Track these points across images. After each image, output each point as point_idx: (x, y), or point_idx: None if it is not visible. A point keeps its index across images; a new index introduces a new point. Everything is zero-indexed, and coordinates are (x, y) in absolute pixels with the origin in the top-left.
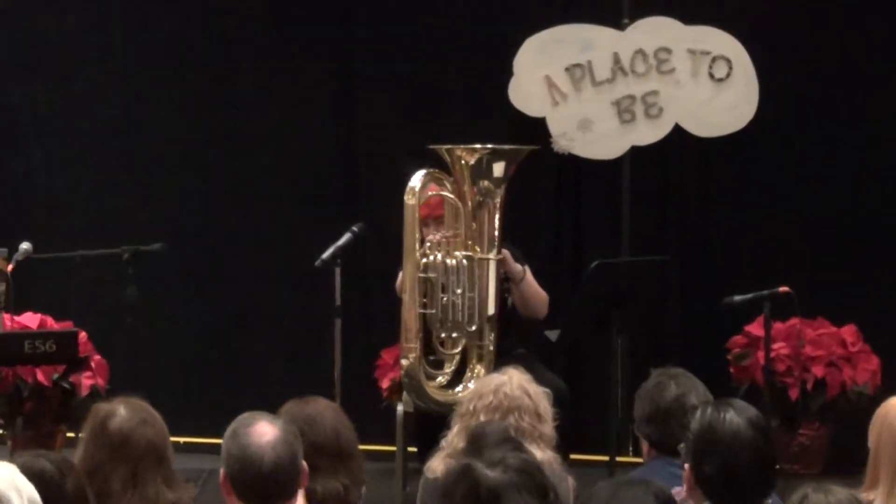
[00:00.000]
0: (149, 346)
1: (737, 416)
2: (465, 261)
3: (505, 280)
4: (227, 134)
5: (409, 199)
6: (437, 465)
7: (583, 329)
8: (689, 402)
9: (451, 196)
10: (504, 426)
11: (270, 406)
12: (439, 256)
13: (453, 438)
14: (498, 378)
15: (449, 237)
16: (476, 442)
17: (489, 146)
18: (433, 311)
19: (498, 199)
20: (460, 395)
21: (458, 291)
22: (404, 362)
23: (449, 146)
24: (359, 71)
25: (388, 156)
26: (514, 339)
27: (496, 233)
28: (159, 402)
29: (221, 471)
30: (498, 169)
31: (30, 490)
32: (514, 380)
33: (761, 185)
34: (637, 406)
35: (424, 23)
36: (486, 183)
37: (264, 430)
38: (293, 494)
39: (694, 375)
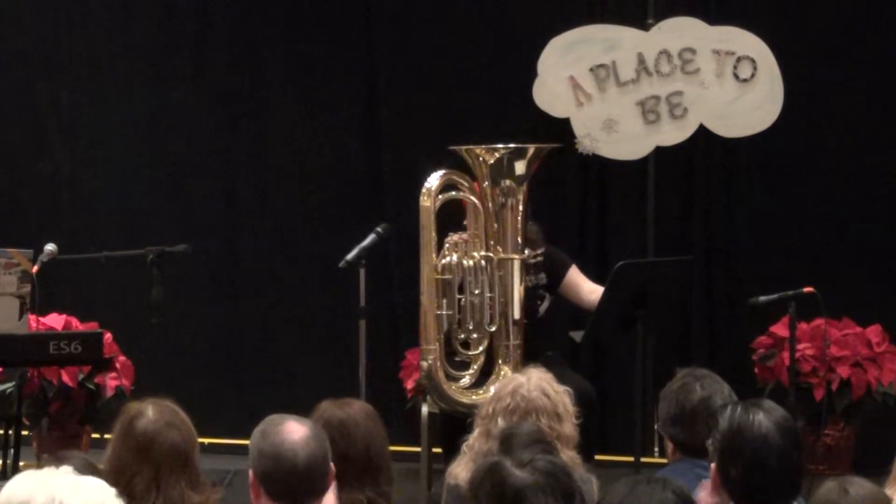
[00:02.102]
0: (173, 347)
1: (766, 419)
2: (483, 261)
3: (539, 287)
4: (252, 134)
5: (425, 201)
6: (458, 471)
7: (607, 329)
8: (715, 405)
9: (470, 197)
10: (536, 428)
11: (295, 407)
12: (455, 257)
13: (474, 442)
14: (516, 380)
15: (467, 238)
16: (507, 442)
17: (509, 145)
18: (451, 312)
19: (521, 199)
20: (483, 396)
21: (477, 292)
22: (423, 364)
23: (469, 146)
24: (383, 72)
25: (413, 157)
26: (544, 342)
27: (519, 232)
28: (184, 403)
29: (251, 472)
30: (519, 167)
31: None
32: (533, 381)
33: (786, 186)
34: (662, 406)
35: (449, 24)
36: (507, 182)
37: (294, 429)
38: (323, 493)
39: (719, 376)
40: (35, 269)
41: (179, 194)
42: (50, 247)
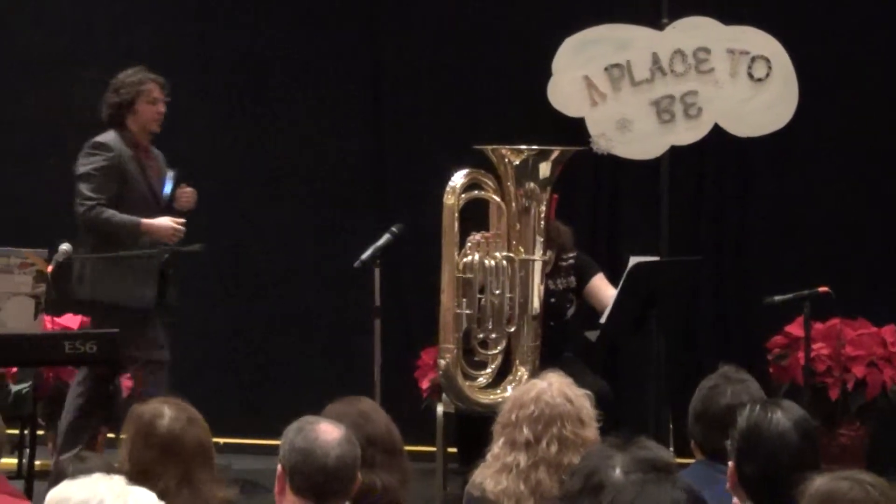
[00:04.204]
0: (184, 347)
1: (784, 418)
2: (504, 261)
3: (569, 290)
4: (258, 135)
5: (449, 199)
6: (479, 481)
7: (621, 329)
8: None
9: (494, 196)
10: None
11: (308, 409)
12: (478, 256)
13: (499, 451)
14: (538, 386)
15: (489, 237)
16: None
17: (534, 147)
18: (470, 311)
19: (544, 200)
20: (500, 396)
21: (497, 292)
22: (441, 362)
23: (494, 146)
24: (395, 71)
25: (424, 156)
26: (566, 344)
27: (541, 233)
28: (194, 404)
29: (279, 465)
30: (544, 169)
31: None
32: (555, 386)
33: (800, 185)
34: (693, 399)
35: (463, 23)
36: (531, 184)
37: (331, 429)
38: (346, 497)
39: (756, 383)
40: (50, 268)
41: None
42: (65, 246)
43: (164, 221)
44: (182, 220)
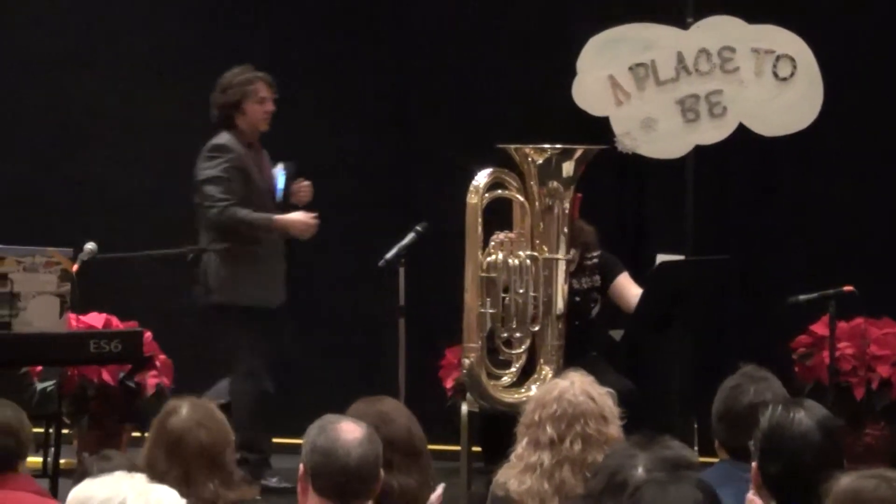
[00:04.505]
0: (212, 346)
1: (806, 417)
2: (528, 260)
3: (594, 289)
4: (282, 132)
5: (472, 198)
6: (503, 480)
7: (646, 328)
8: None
9: (518, 196)
10: None
11: (331, 409)
12: (501, 256)
13: (523, 452)
14: (560, 385)
15: (513, 237)
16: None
17: (558, 146)
18: (494, 310)
19: (567, 199)
20: (524, 395)
21: (521, 291)
22: (466, 362)
23: (517, 145)
24: (420, 70)
25: (450, 156)
26: (591, 344)
27: (565, 233)
28: None
29: (301, 465)
30: (567, 168)
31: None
32: (577, 384)
33: (824, 184)
34: (715, 399)
35: (488, 21)
36: (554, 183)
37: (352, 428)
38: (370, 497)
39: (777, 380)
40: (75, 267)
41: None
42: (90, 245)
43: (298, 216)
44: (315, 214)
